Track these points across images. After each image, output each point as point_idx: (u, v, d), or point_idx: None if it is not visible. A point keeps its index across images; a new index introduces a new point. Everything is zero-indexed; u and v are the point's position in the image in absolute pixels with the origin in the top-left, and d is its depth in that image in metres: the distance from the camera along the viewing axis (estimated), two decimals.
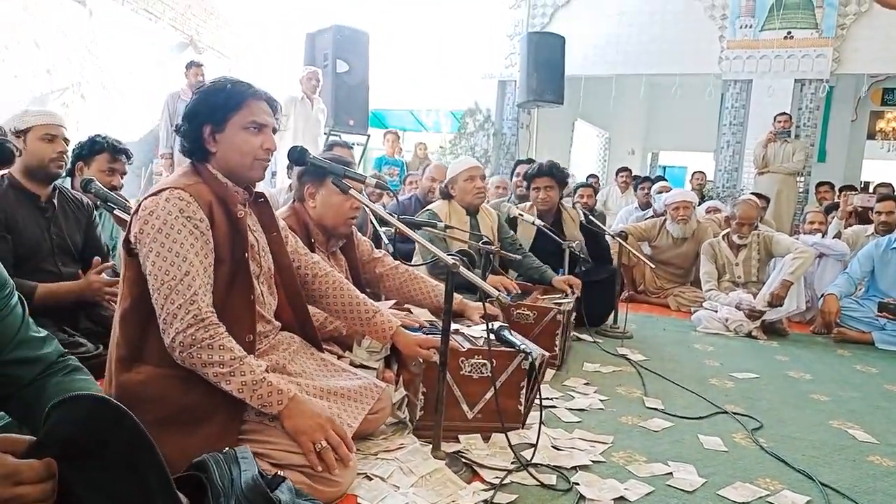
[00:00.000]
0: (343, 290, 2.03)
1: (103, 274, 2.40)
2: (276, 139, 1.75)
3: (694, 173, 8.78)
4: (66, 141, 2.45)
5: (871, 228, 5.06)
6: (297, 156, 1.95)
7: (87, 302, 2.41)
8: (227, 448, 1.31)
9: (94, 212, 2.62)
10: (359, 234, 2.64)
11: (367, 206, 2.01)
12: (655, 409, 2.60)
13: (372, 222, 3.39)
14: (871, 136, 10.69)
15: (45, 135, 2.38)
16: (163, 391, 1.56)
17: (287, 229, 2.00)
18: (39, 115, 2.42)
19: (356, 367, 2.09)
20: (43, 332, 1.31)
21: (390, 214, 2.12)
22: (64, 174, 2.57)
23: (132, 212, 1.63)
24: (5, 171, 2.35)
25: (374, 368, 2.20)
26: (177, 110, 6.05)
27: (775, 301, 4.25)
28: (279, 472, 1.39)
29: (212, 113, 1.66)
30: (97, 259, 2.45)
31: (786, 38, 7.77)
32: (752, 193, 5.71)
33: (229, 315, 1.60)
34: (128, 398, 1.54)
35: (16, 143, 2.26)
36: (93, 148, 2.86)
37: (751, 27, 7.95)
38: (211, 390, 1.55)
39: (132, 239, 1.58)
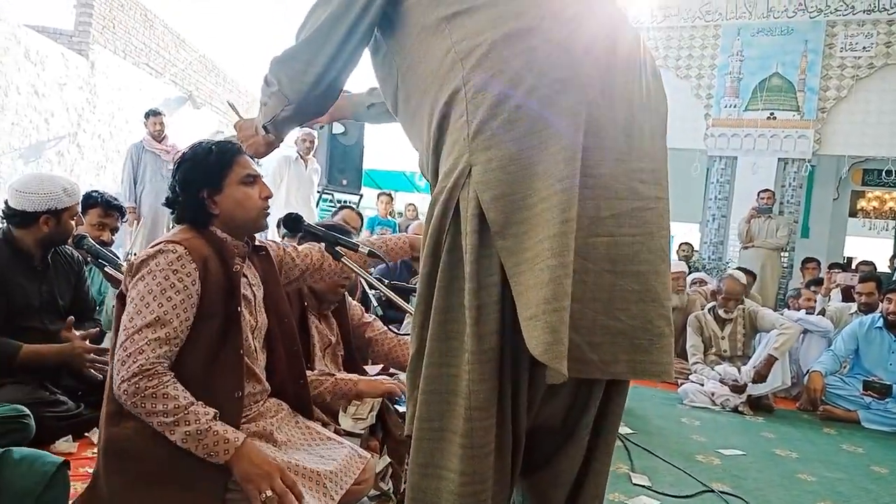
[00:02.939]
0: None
1: (87, 341, 2.38)
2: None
3: (681, 244, 8.91)
4: None
5: (854, 306, 5.12)
6: (292, 224, 1.96)
7: (70, 365, 2.37)
8: None
9: (84, 267, 2.61)
10: (349, 298, 2.64)
11: (358, 273, 2.02)
12: (642, 485, 2.57)
13: (362, 285, 3.39)
14: (852, 214, 10.93)
15: (76, 214, 2.42)
16: (149, 447, 1.53)
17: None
18: (73, 195, 2.40)
19: (340, 435, 2.06)
20: None
21: (378, 279, 2.14)
22: None
23: (128, 267, 1.64)
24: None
25: (359, 436, 2.16)
26: (141, 161, 5.85)
27: (758, 379, 4.26)
28: None
29: (207, 177, 1.67)
30: (71, 318, 2.41)
31: (769, 118, 8.04)
32: (739, 268, 5.79)
33: (219, 370, 1.59)
34: (115, 453, 1.54)
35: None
36: (86, 202, 2.88)
37: (735, 107, 8.23)
38: None
39: (124, 288, 1.60)
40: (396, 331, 2.74)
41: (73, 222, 2.39)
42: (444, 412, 1.11)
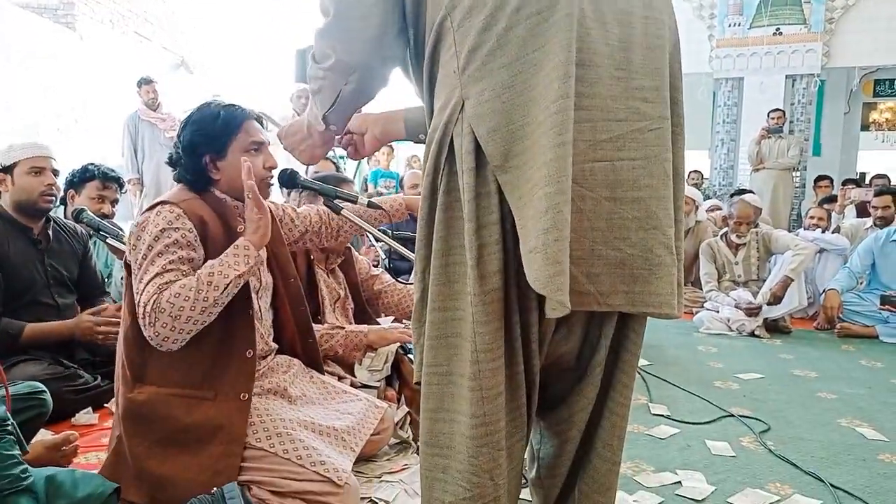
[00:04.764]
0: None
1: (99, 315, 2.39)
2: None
3: (690, 172, 8.77)
4: (56, 172, 2.41)
5: (869, 221, 5.04)
6: (287, 179, 1.93)
7: (78, 339, 2.39)
8: (214, 489, 1.30)
9: (89, 241, 2.60)
10: (355, 252, 2.63)
11: (361, 225, 2.00)
12: (661, 415, 2.58)
13: (369, 238, 3.37)
14: (864, 127, 10.65)
15: (31, 168, 2.33)
16: (166, 411, 1.56)
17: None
18: (24, 149, 2.35)
19: (357, 387, 2.07)
20: None
21: (383, 231, 2.11)
22: (57, 204, 2.55)
23: (129, 234, 1.63)
24: None
25: (376, 388, 2.18)
26: (139, 131, 5.76)
27: (773, 300, 4.23)
28: None
29: (211, 142, 1.66)
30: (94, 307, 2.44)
31: (775, 34, 7.80)
32: (740, 190, 5.69)
33: (228, 331, 1.60)
34: (133, 417, 1.58)
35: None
36: (84, 176, 2.85)
37: (739, 25, 7.98)
38: (213, 411, 1.54)
39: (128, 257, 1.60)
40: (405, 282, 2.73)
41: (34, 179, 2.32)
42: (450, 356, 1.09)
